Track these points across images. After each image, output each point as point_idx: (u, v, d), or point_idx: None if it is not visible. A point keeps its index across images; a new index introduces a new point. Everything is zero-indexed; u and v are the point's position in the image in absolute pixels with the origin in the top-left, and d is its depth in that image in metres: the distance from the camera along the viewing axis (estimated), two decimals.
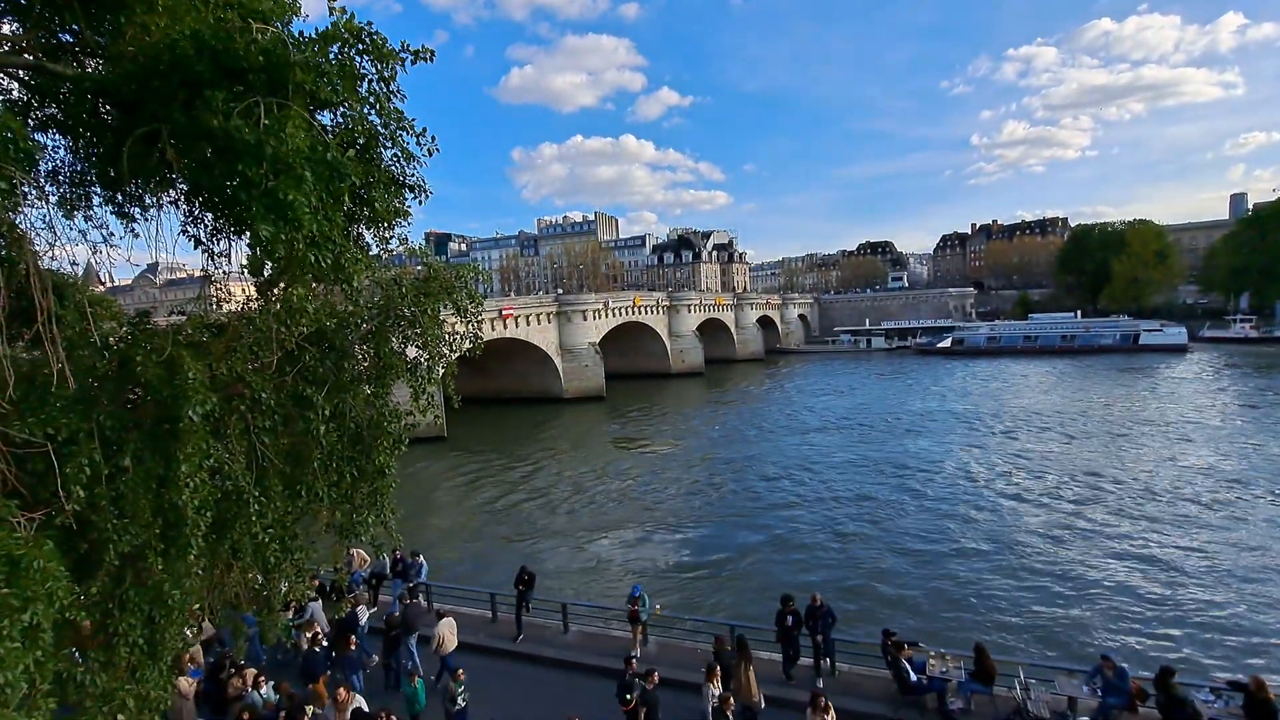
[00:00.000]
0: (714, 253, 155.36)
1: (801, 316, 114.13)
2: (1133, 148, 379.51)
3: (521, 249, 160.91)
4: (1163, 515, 24.68)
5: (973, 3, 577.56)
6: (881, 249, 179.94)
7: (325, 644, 12.19)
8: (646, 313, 75.49)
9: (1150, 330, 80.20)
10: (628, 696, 9.89)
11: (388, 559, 15.15)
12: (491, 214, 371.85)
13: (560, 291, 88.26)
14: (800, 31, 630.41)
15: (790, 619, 11.77)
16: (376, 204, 5.76)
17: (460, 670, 10.74)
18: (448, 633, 12.12)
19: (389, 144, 5.79)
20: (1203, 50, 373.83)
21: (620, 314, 70.97)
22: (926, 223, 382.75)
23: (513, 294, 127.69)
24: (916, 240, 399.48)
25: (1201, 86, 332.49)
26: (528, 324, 58.38)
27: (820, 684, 11.13)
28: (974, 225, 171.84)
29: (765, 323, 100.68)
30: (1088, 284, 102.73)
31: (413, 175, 6.06)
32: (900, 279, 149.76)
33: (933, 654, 11.28)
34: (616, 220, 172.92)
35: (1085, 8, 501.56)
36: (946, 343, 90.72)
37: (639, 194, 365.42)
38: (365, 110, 5.58)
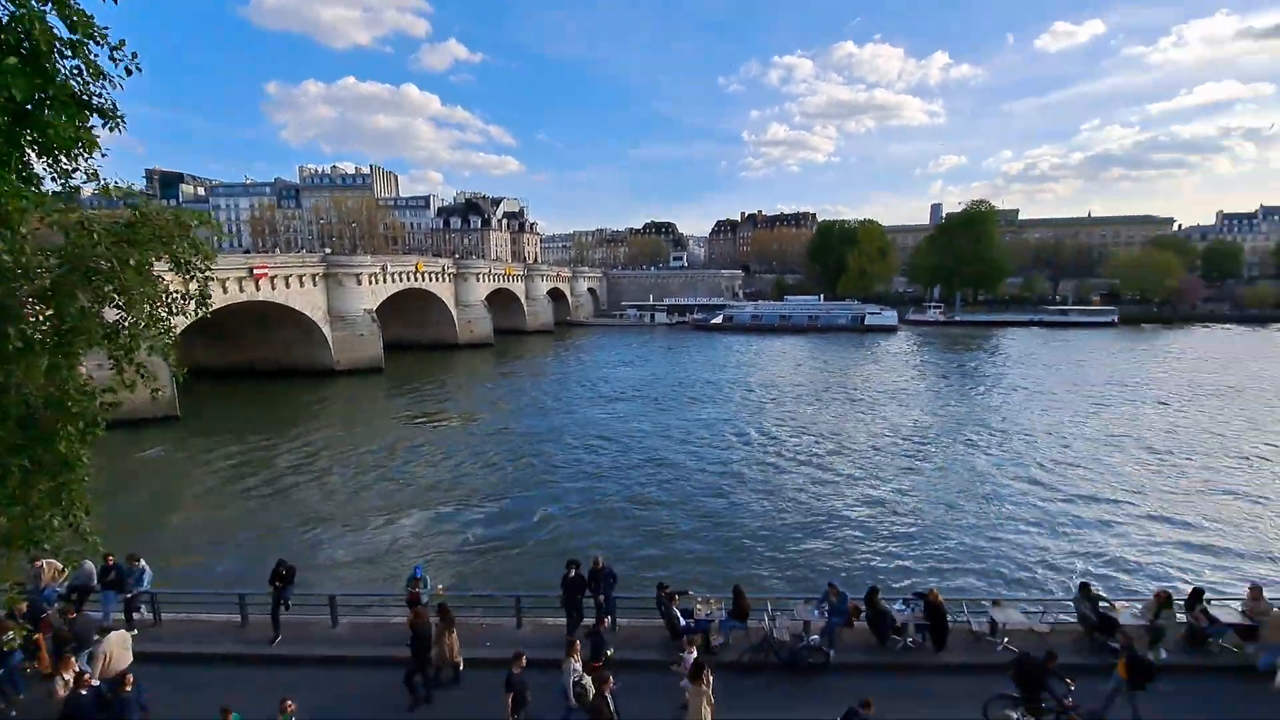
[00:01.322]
0: (505, 221, 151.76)
1: (591, 290, 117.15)
2: (867, 158, 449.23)
3: (279, 199, 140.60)
4: (883, 464, 30.12)
5: (753, 6, 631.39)
6: (665, 229, 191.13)
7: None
8: (432, 280, 71.26)
9: (872, 313, 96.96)
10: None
11: (94, 567, 12.45)
12: (241, 156, 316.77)
13: (328, 251, 79.24)
14: (603, 2, 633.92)
15: (574, 582, 12.15)
16: (50, 127, 4.47)
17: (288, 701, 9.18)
18: (117, 648, 10.34)
19: (69, 54, 4.53)
20: (918, 81, 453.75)
21: (402, 280, 66.05)
22: (705, 208, 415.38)
23: (272, 250, 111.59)
24: (696, 223, 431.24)
25: (916, 113, 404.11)
26: (288, 286, 51.45)
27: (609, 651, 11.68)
28: (743, 214, 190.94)
29: (556, 295, 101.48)
30: (830, 272, 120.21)
31: (102, 96, 4.80)
32: (681, 259, 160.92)
33: (699, 599, 12.51)
34: (396, 177, 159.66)
35: (837, 29, 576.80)
36: (719, 319, 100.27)
37: (423, 150, 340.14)
38: (40, 7, 4.30)
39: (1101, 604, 12.68)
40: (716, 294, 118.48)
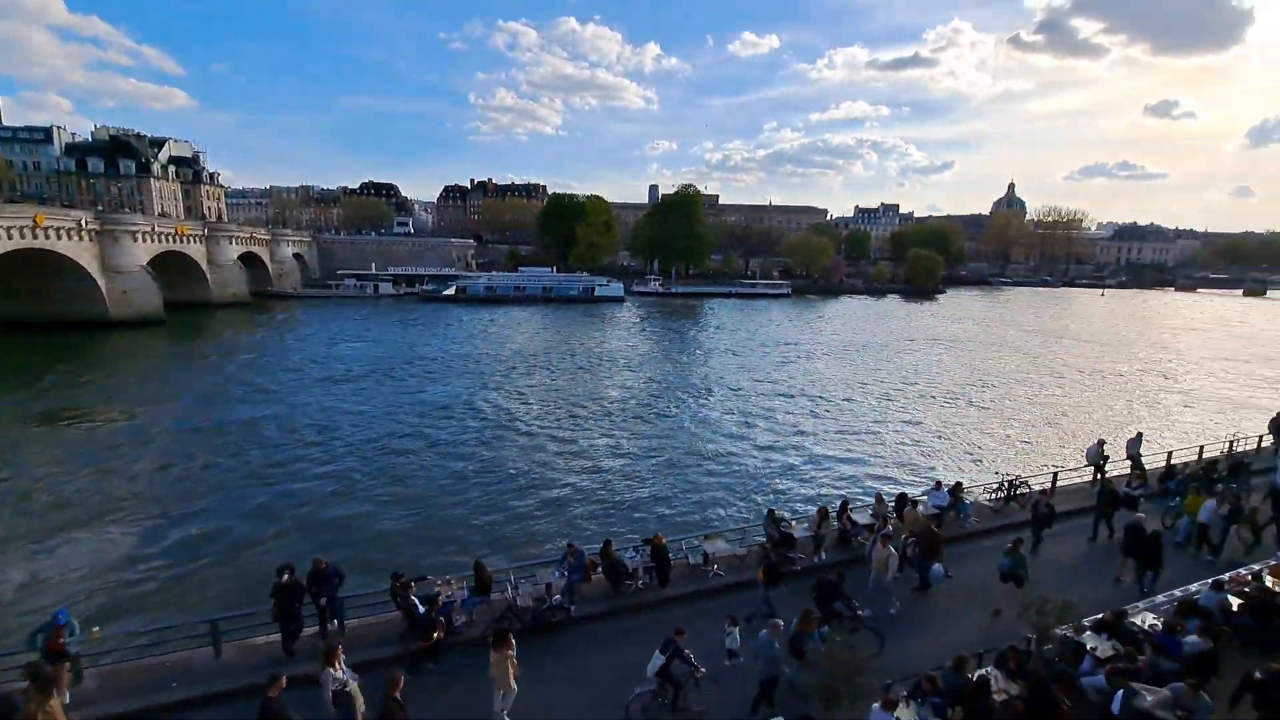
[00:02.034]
0: (172, 168, 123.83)
1: (298, 256, 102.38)
2: (592, 134, 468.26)
3: None
4: (617, 425, 32.26)
5: None
6: (387, 191, 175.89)
7: None
8: (59, 237, 54.88)
9: (601, 285, 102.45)
10: None
11: None
12: None
13: None
14: None
15: (288, 589, 10.63)
16: None
17: None
18: None
19: None
20: (635, 67, 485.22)
21: (12, 237, 49.78)
22: (431, 170, 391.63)
23: None
24: (422, 187, 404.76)
25: (634, 97, 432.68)
26: None
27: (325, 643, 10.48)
28: (473, 180, 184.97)
29: (252, 261, 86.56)
30: (561, 244, 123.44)
31: None
32: (406, 224, 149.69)
33: (439, 582, 12.01)
34: None
35: (560, 2, 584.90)
36: (451, 290, 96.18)
37: (41, 67, 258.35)
38: None
39: (782, 525, 15.41)
40: (448, 264, 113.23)
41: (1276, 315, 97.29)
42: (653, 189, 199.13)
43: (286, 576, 10.68)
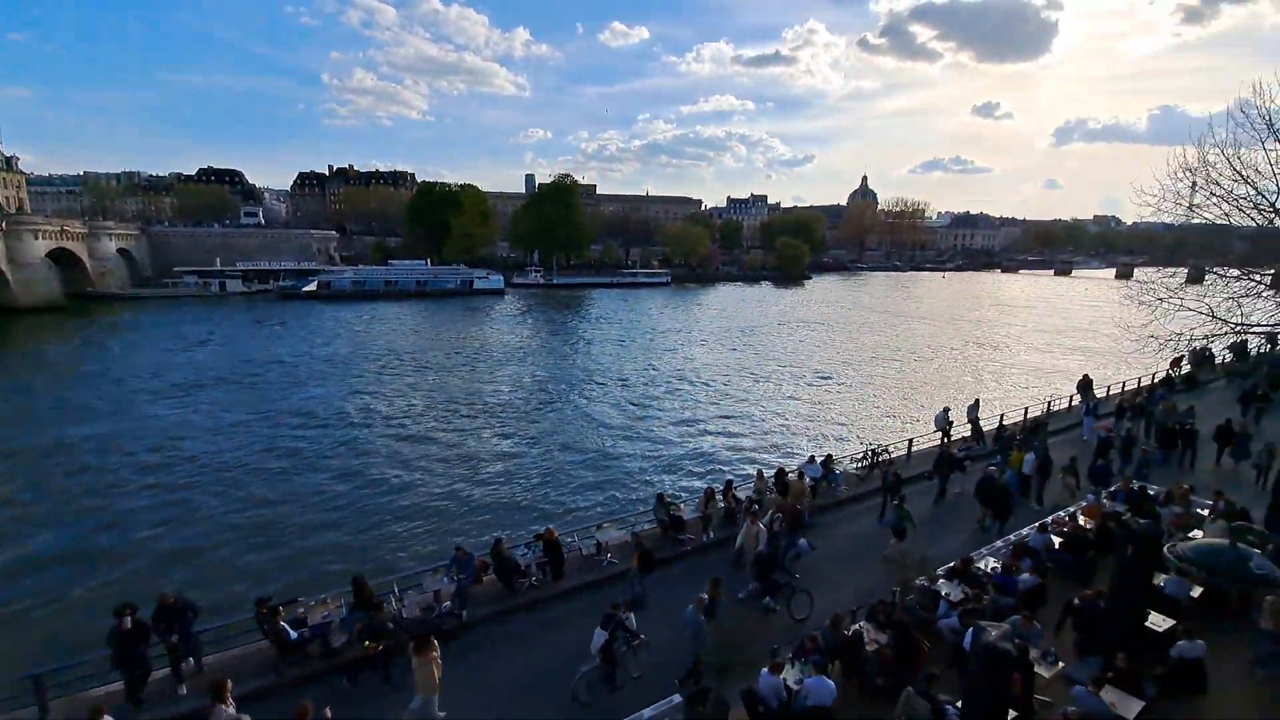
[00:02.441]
0: None
1: (124, 252, 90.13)
2: (462, 121, 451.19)
3: None
4: (506, 420, 31.43)
5: None
6: (230, 178, 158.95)
7: None
8: None
9: (480, 277, 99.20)
10: None
11: None
12: None
13: None
14: None
15: (129, 635, 9.31)
16: None
17: None
18: None
19: None
20: (504, 52, 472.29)
21: None
22: (282, 156, 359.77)
23: None
24: (272, 175, 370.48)
25: (505, 83, 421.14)
26: None
27: (184, 689, 9.37)
28: (331, 167, 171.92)
29: (66, 259, 75.08)
30: (434, 235, 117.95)
31: None
32: (255, 214, 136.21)
33: (312, 603, 11.11)
34: None
35: None
36: (313, 286, 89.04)
37: None
38: None
39: (672, 508, 15.78)
40: (307, 257, 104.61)
41: (1079, 291, 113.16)
42: (529, 178, 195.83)
43: (129, 618, 9.33)
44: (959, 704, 8.59)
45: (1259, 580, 7.93)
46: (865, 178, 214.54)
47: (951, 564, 12.99)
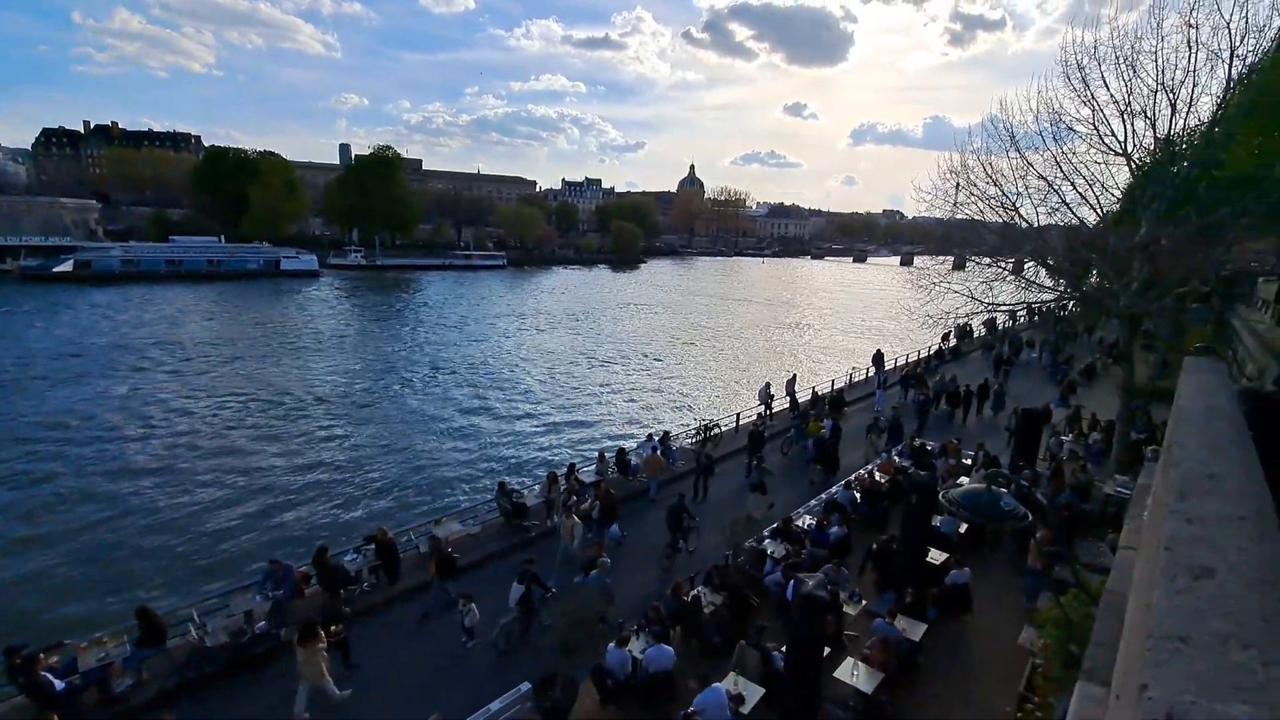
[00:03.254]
0: None
1: None
2: (258, 78, 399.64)
3: None
4: (327, 415, 28.59)
5: None
6: None
7: None
8: None
9: (288, 257, 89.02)
10: None
11: None
12: None
13: None
14: None
15: None
16: None
17: None
18: None
19: None
20: (309, 7, 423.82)
21: None
22: (19, 108, 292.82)
23: None
24: (5, 130, 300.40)
25: (311, 40, 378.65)
26: None
27: None
28: (88, 124, 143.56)
29: None
30: (229, 208, 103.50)
31: None
32: None
33: (83, 645, 9.36)
34: None
35: None
36: (68, 266, 73.82)
37: None
38: None
39: (515, 495, 15.55)
40: (59, 231, 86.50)
41: (873, 276, 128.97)
42: (344, 148, 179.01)
43: None
44: (784, 649, 9.51)
45: (1006, 515, 9.76)
46: (693, 166, 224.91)
47: (775, 524, 14.29)
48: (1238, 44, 13.14)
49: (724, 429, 22.08)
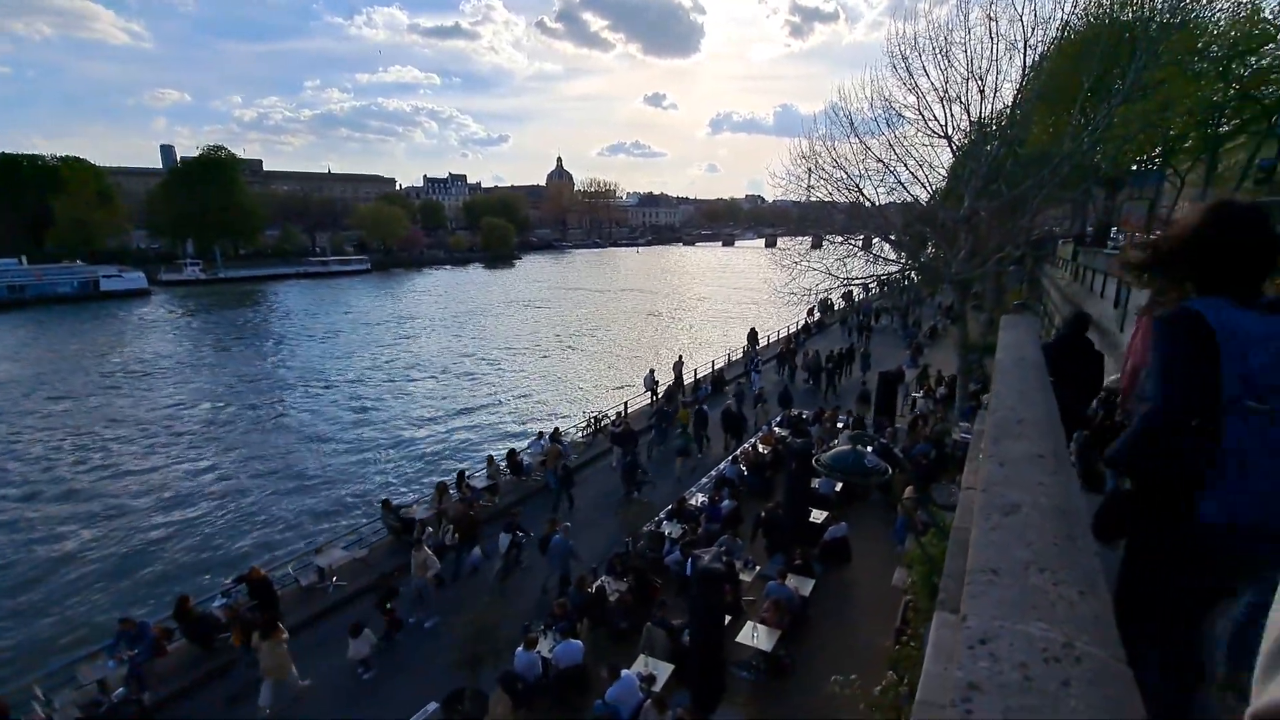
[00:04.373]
0: None
1: None
2: (54, 74, 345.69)
3: None
4: (172, 451, 25.50)
5: None
6: None
7: None
8: None
9: (110, 276, 78.17)
10: None
11: None
12: None
13: None
14: None
15: None
16: None
17: None
18: None
19: None
20: None
21: None
22: None
23: None
24: None
25: (111, 29, 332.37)
26: None
27: None
28: None
29: None
30: (28, 225, 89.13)
31: None
32: None
33: None
34: None
35: None
36: None
37: None
38: None
39: (402, 511, 14.84)
40: None
41: (741, 259, 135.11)
42: (167, 150, 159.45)
43: None
44: (688, 623, 9.87)
45: (870, 472, 10.81)
46: (560, 159, 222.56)
47: (670, 505, 14.72)
48: (1030, 35, 15.06)
49: (612, 417, 22.31)
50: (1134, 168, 25.77)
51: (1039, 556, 1.06)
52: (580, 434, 21.28)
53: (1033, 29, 15.03)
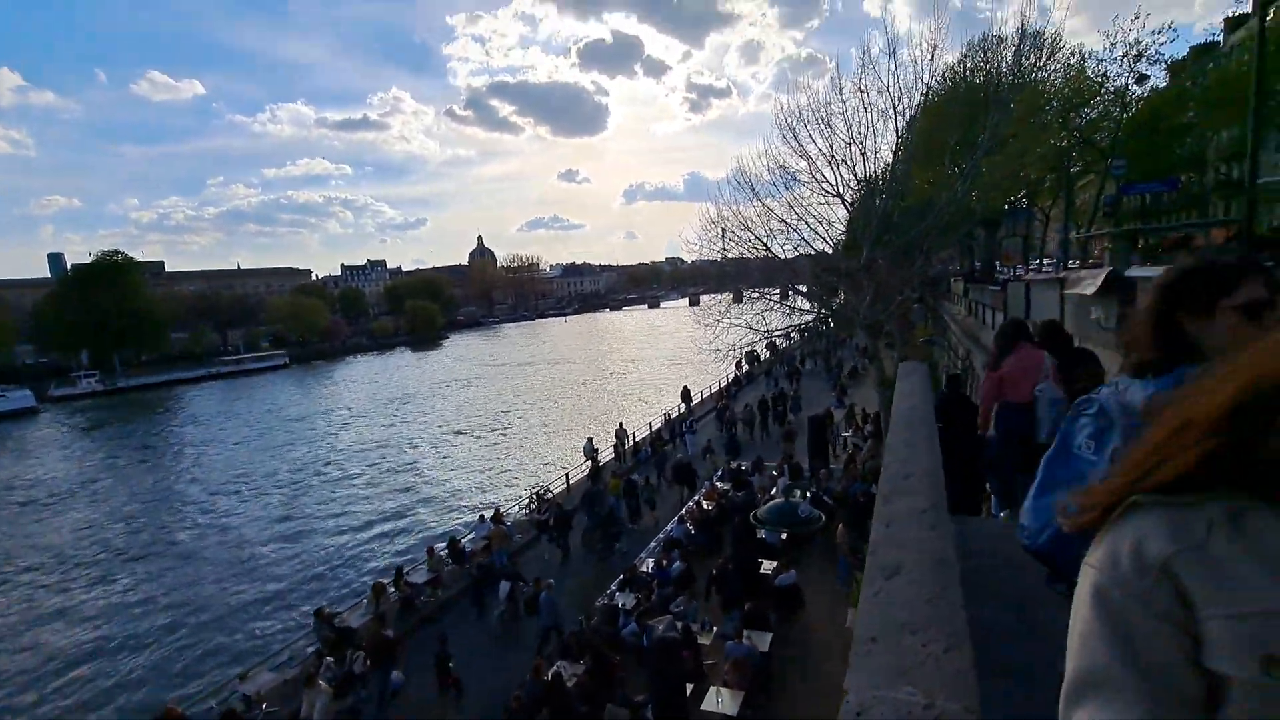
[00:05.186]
0: None
1: None
2: None
3: None
4: (70, 585, 22.90)
5: None
6: None
7: None
8: None
9: None
10: None
11: None
12: None
13: None
14: None
15: None
16: None
17: None
18: None
19: None
20: None
21: None
22: None
23: None
24: None
25: None
26: None
27: None
28: None
29: None
30: None
31: None
32: None
33: None
34: None
35: None
36: None
37: None
38: None
39: (336, 620, 13.87)
40: None
41: (667, 319, 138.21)
42: (55, 259, 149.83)
43: None
44: (649, 698, 9.56)
45: (804, 521, 11.13)
46: (480, 237, 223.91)
47: (621, 574, 14.43)
48: (898, 103, 16.77)
49: (556, 492, 21.88)
50: (1006, 208, 28.64)
51: (913, 618, 1.20)
52: (524, 511, 20.71)
53: (899, 97, 16.78)
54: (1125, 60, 23.05)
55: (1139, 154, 24.16)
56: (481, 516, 18.84)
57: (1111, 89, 23.64)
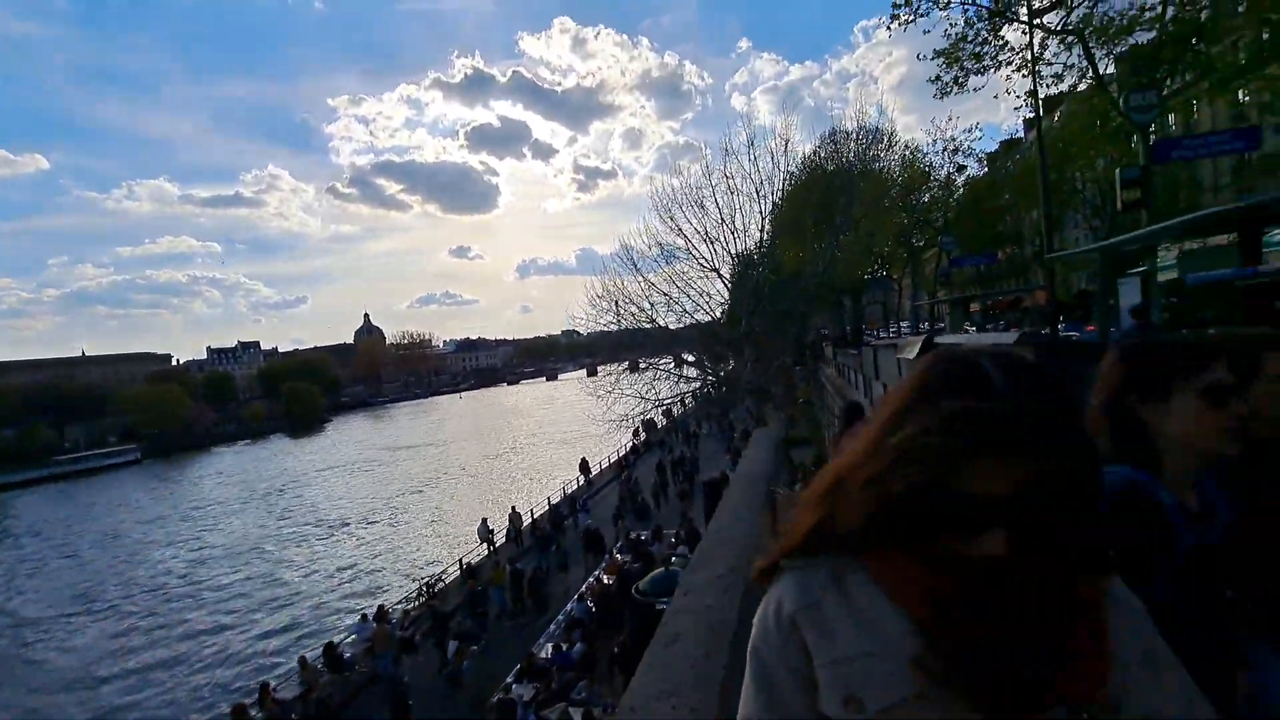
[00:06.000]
0: None
1: None
2: None
3: None
4: None
5: None
6: None
7: None
8: None
9: None
10: None
11: None
12: None
13: None
14: None
15: None
16: None
17: None
18: None
19: None
20: None
21: None
22: None
23: None
24: None
25: None
26: None
27: None
28: None
29: None
30: None
31: None
32: None
33: None
34: None
35: None
36: None
37: None
38: None
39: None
40: None
41: (564, 391, 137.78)
42: None
43: None
44: None
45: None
46: (367, 315, 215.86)
47: (518, 665, 13.67)
48: (761, 188, 18.46)
49: (449, 580, 20.62)
50: (866, 278, 31.80)
51: (674, 686, 1.31)
52: (413, 606, 19.26)
53: (761, 183, 18.51)
54: (945, 153, 26.99)
55: (968, 232, 27.93)
56: (364, 615, 17.32)
57: (939, 178, 27.50)
